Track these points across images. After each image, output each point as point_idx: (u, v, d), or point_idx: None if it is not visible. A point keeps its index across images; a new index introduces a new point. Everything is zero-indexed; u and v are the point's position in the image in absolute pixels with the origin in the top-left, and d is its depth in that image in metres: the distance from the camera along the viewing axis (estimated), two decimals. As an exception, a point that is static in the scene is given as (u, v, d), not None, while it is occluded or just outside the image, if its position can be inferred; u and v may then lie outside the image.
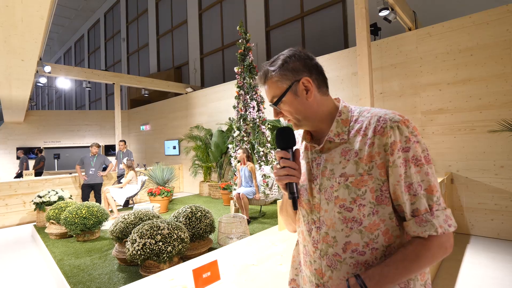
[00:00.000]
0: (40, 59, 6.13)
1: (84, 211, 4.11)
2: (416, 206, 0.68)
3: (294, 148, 0.81)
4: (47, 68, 6.44)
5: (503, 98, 3.80)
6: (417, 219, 0.68)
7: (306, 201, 0.81)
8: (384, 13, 4.31)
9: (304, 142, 0.86)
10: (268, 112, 6.05)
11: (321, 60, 5.72)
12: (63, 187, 6.33)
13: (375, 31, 5.27)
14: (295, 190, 0.77)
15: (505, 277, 2.77)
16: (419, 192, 0.68)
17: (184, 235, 2.87)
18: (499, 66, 3.83)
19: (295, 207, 0.77)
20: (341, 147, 0.76)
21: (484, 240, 3.82)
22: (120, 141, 7.04)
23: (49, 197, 5.18)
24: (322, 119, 0.80)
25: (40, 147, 10.45)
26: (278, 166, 0.78)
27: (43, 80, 6.85)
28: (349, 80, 5.35)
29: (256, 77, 0.80)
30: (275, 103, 0.79)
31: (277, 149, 0.81)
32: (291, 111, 0.79)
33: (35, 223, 5.40)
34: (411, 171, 0.69)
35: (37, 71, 6.33)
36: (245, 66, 5.78)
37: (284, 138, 0.80)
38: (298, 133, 0.91)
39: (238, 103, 5.90)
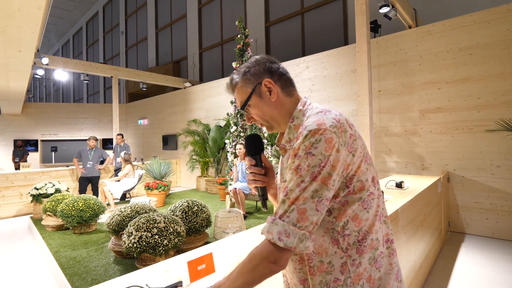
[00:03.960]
0: (38, 50, 6.08)
1: (81, 203, 4.11)
2: (276, 209, 0.70)
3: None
4: (45, 60, 6.38)
5: (502, 98, 3.81)
6: (268, 219, 0.70)
7: (279, 199, 0.88)
8: (384, 10, 4.29)
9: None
10: (267, 108, 6.03)
11: (321, 56, 5.70)
12: (60, 179, 6.31)
13: (375, 28, 5.25)
14: (262, 193, 0.86)
15: (499, 276, 2.80)
16: (284, 198, 0.68)
17: (180, 229, 2.88)
18: (498, 66, 3.83)
19: (264, 207, 0.86)
20: (289, 152, 0.80)
21: (478, 239, 3.86)
22: (118, 134, 7.01)
23: (46, 189, 5.17)
24: (286, 122, 0.84)
25: (24, 140, 10.28)
26: (247, 172, 0.88)
27: (40, 72, 6.78)
28: (348, 77, 5.34)
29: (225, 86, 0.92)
30: (242, 107, 0.85)
31: (247, 156, 0.89)
32: (259, 113, 0.84)
33: (31, 215, 5.39)
34: (291, 177, 0.69)
35: (34, 63, 6.27)
36: (244, 62, 5.75)
37: (250, 145, 0.88)
38: None
39: (235, 99, 5.88)
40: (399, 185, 2.88)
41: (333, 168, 0.66)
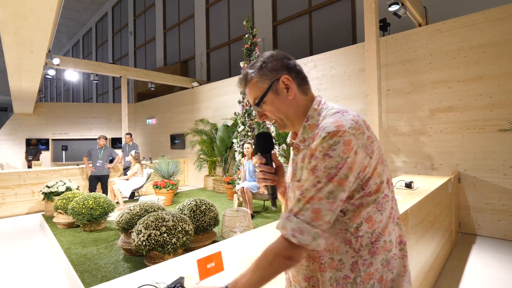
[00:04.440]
0: (49, 51, 6.19)
1: (91, 201, 4.18)
2: (291, 206, 0.71)
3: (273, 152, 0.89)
4: (56, 60, 6.50)
5: (515, 97, 3.72)
6: (282, 215, 0.71)
7: (289, 198, 0.88)
8: (394, 8, 4.23)
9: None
10: (274, 108, 6.01)
11: (329, 55, 5.66)
12: (71, 178, 6.42)
13: (384, 26, 5.18)
14: (272, 192, 0.85)
15: (511, 278, 2.74)
16: (299, 197, 0.69)
17: (188, 228, 2.90)
18: (511, 64, 3.74)
19: (273, 206, 0.87)
20: (303, 152, 0.79)
21: (490, 241, 3.78)
22: (127, 134, 7.09)
23: (57, 188, 5.27)
24: (300, 121, 0.82)
25: (33, 139, 10.45)
26: (257, 170, 0.87)
27: (51, 72, 6.91)
28: (356, 76, 5.29)
29: (237, 81, 0.89)
30: (257, 104, 0.81)
31: (257, 154, 0.88)
32: (273, 111, 0.81)
33: (43, 213, 5.51)
34: (307, 177, 0.70)
35: (46, 63, 6.40)
36: (251, 61, 5.76)
37: (260, 143, 0.87)
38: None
39: (243, 98, 5.90)
40: (408, 185, 2.85)
41: (350, 170, 0.66)
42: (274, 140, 5.68)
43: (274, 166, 0.90)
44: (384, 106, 4.87)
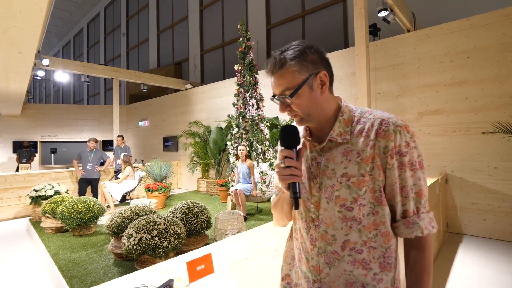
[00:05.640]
0: (38, 52, 6.11)
1: (81, 205, 4.12)
2: (406, 208, 0.74)
3: (298, 147, 0.79)
4: (45, 61, 6.41)
5: (498, 101, 3.85)
6: (405, 221, 0.74)
7: (305, 199, 0.82)
8: (383, 14, 4.33)
9: (302, 140, 0.85)
10: (267, 110, 6.06)
11: (320, 59, 5.73)
12: (60, 181, 6.32)
13: (374, 31, 5.29)
14: (297, 190, 0.75)
15: (496, 276, 2.82)
16: (410, 195, 0.73)
17: (180, 231, 2.89)
18: (495, 69, 3.86)
19: (296, 207, 0.76)
20: (342, 147, 0.76)
21: (476, 240, 3.88)
22: (118, 136, 7.02)
23: (45, 191, 5.17)
24: (327, 118, 0.79)
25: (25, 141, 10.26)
26: (282, 165, 0.75)
27: (41, 73, 6.81)
28: (347, 80, 5.38)
29: (268, 63, 0.77)
30: (291, 95, 0.74)
31: (281, 148, 0.78)
32: (302, 105, 0.76)
33: (30, 217, 5.39)
34: (406, 175, 0.73)
35: (35, 64, 6.30)
36: (245, 64, 5.79)
37: (289, 137, 0.77)
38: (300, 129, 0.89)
39: (237, 101, 5.92)
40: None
41: None
42: (268, 143, 5.73)
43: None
44: (374, 109, 4.95)
